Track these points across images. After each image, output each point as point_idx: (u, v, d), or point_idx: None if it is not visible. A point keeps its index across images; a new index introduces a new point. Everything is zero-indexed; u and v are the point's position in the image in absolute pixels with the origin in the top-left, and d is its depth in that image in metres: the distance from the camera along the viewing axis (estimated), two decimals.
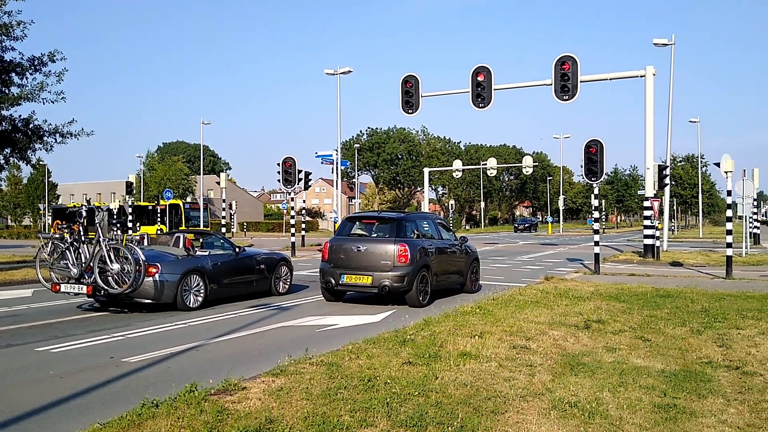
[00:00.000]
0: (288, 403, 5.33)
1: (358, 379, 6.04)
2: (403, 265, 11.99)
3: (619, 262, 23.09)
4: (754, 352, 7.56)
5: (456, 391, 5.74)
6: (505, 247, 35.70)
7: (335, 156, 40.94)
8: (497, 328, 8.71)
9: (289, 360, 6.78)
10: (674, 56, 30.31)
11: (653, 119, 23.04)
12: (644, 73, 22.66)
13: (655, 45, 29.66)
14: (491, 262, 23.89)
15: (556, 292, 12.88)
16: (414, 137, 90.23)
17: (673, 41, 29.48)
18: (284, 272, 14.23)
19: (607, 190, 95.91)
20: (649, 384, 6.10)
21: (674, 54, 30.11)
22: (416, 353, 7.11)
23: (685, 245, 36.82)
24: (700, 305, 11.11)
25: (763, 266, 21.90)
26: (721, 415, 5.23)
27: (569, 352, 7.54)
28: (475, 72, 23.55)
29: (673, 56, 30.26)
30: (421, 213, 15.37)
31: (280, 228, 71.67)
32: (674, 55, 30.15)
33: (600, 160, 19.23)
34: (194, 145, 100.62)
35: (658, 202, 24.91)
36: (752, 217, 32.09)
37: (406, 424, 4.85)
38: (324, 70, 35.09)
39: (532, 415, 5.15)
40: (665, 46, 29.69)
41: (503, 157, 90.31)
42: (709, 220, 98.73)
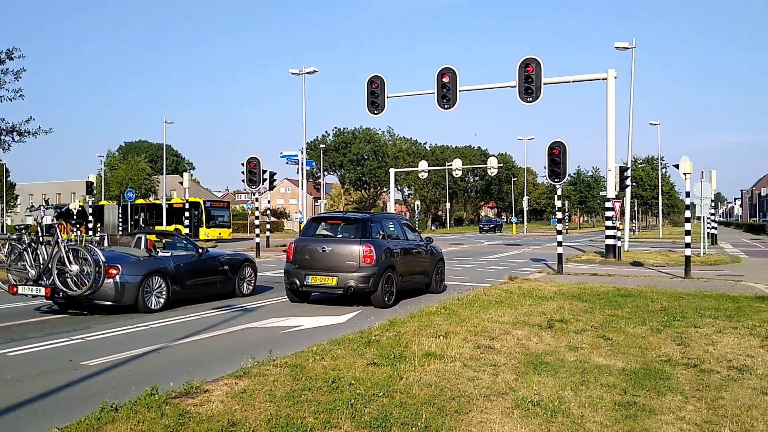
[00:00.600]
0: (251, 406, 5.28)
1: (322, 380, 6.01)
2: (369, 266, 11.98)
3: (581, 262, 23.41)
4: (711, 349, 7.72)
5: (420, 391, 5.74)
6: (470, 248, 35.93)
7: (300, 156, 40.69)
8: (462, 328, 8.75)
9: (252, 362, 6.72)
10: (635, 60, 30.86)
11: (615, 121, 23.43)
12: (606, 75, 23.02)
13: (617, 48, 30.15)
14: (456, 263, 24.02)
15: (520, 292, 13.00)
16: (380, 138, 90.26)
17: (633, 45, 30.00)
18: (248, 273, 14.11)
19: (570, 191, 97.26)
20: (610, 382, 6.19)
21: (635, 57, 30.66)
22: (381, 354, 7.11)
23: (645, 245, 37.49)
24: (659, 304, 11.32)
25: (720, 266, 22.41)
26: (679, 412, 5.33)
27: (532, 351, 7.61)
28: (441, 73, 23.66)
29: (633, 60, 30.84)
30: (386, 214, 15.37)
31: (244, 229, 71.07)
32: (635, 58, 30.69)
33: (563, 161, 19.47)
34: (157, 145, 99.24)
35: (619, 203, 25.33)
36: (710, 217, 32.82)
37: (371, 425, 4.84)
38: (289, 70, 34.89)
39: (496, 414, 5.18)
40: (626, 49, 30.19)
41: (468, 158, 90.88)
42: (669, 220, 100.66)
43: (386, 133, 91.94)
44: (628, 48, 30.09)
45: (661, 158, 70.33)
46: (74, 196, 75.04)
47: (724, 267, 21.98)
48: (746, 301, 11.85)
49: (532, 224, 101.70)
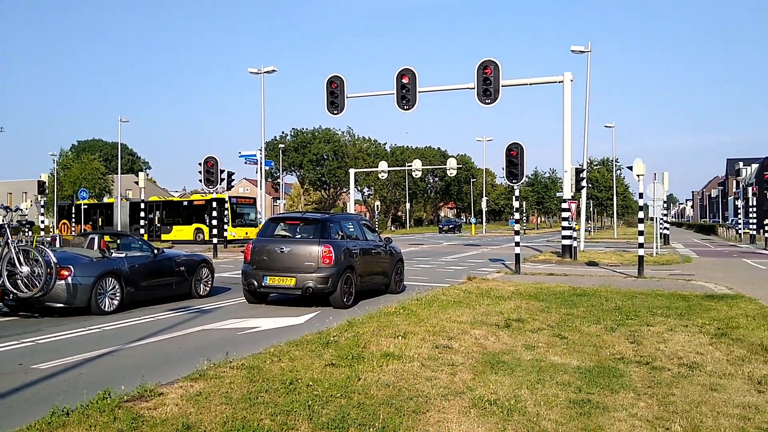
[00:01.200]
0: (206, 409, 5.21)
1: (279, 382, 5.97)
2: (328, 267, 11.94)
3: (538, 262, 23.72)
4: (662, 347, 7.89)
5: (378, 391, 5.74)
6: (430, 248, 36.11)
7: (259, 156, 40.39)
8: (420, 328, 8.78)
9: (208, 364, 6.64)
10: (590, 63, 31.38)
11: (571, 123, 23.84)
12: (562, 79, 23.40)
13: (573, 52, 30.64)
14: (416, 263, 24.10)
15: (478, 291, 13.11)
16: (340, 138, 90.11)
17: (589, 49, 30.52)
18: (205, 274, 13.93)
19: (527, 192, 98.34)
20: (566, 380, 6.27)
21: (590, 61, 31.17)
22: (339, 355, 7.09)
23: (600, 245, 38.18)
24: (613, 303, 11.53)
25: (672, 265, 22.95)
26: (631, 409, 5.43)
27: (490, 350, 7.68)
28: (400, 74, 23.76)
29: (589, 63, 31.33)
30: (345, 214, 15.35)
31: None
32: (590, 62, 31.20)
33: (520, 162, 19.70)
34: (112, 144, 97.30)
35: (575, 204, 25.75)
36: (662, 218, 33.58)
37: (328, 426, 4.82)
38: (247, 69, 34.58)
39: (453, 413, 5.21)
40: (582, 53, 30.70)
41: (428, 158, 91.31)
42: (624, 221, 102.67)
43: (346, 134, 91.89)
44: (584, 52, 30.61)
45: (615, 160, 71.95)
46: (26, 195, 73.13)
47: (676, 266, 22.52)
48: (696, 300, 12.15)
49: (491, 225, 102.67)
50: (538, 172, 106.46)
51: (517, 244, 19.69)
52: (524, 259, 23.13)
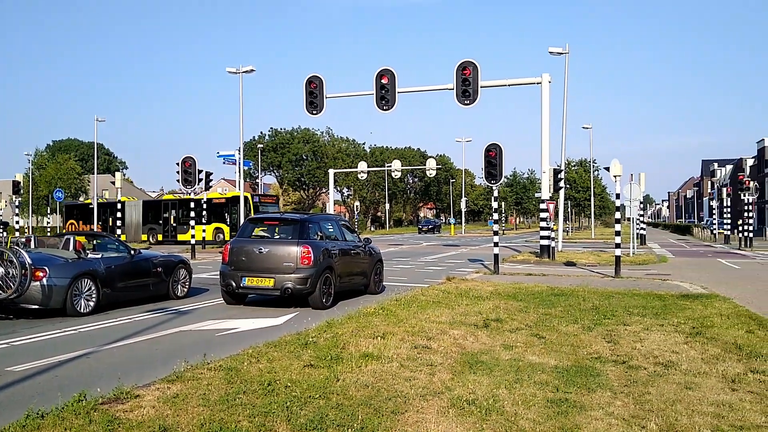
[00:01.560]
0: (184, 411, 5.17)
1: (258, 383, 5.94)
2: (306, 267, 11.90)
3: (517, 263, 23.85)
4: (639, 346, 7.97)
5: (357, 392, 5.74)
6: (409, 249, 36.16)
7: (237, 156, 40.18)
8: (399, 328, 8.79)
9: (185, 365, 6.58)
10: (568, 65, 31.62)
11: (549, 125, 24.00)
12: (540, 80, 23.55)
13: (551, 54, 30.84)
14: (395, 263, 24.12)
15: (457, 292, 13.15)
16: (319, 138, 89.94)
17: (567, 50, 30.73)
18: (183, 275, 13.83)
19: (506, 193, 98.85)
20: (543, 380, 6.32)
21: (568, 63, 31.41)
22: (318, 356, 7.07)
23: (578, 246, 38.48)
24: (591, 303, 11.63)
25: (648, 265, 23.21)
26: (608, 407, 5.48)
27: (469, 350, 7.70)
28: (379, 74, 23.77)
29: (567, 65, 31.57)
30: (324, 214, 15.34)
31: None
32: (568, 63, 31.44)
33: (499, 163, 19.79)
34: (88, 143, 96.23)
35: (553, 204, 25.95)
36: (639, 219, 33.95)
37: (307, 428, 4.81)
38: (226, 69, 34.36)
39: (432, 413, 5.22)
40: (560, 54, 30.91)
41: (408, 159, 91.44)
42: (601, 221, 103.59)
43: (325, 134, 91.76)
44: (562, 53, 30.82)
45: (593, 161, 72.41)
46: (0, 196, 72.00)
47: (652, 266, 22.77)
48: (672, 300, 12.29)
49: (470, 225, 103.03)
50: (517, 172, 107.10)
51: (495, 245, 19.78)
52: (503, 259, 23.24)
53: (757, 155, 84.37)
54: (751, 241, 37.28)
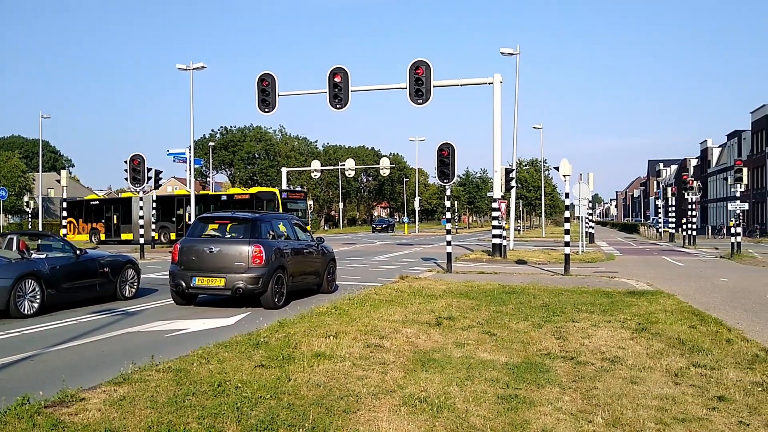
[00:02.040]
0: (131, 413, 5.06)
1: (207, 384, 5.85)
2: (258, 267, 11.78)
3: (470, 261, 24.08)
4: (587, 342, 8.13)
5: (309, 392, 5.71)
6: (363, 248, 36.16)
7: (188, 154, 39.55)
8: (352, 327, 8.78)
9: (133, 367, 6.45)
10: (519, 66, 32.07)
11: (500, 124, 24.29)
12: (492, 80, 23.81)
13: (502, 54, 31.24)
14: (349, 263, 24.09)
15: (411, 290, 13.20)
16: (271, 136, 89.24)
17: (518, 51, 31.17)
18: (131, 275, 13.54)
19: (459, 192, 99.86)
20: (494, 377, 6.38)
21: (519, 63, 31.86)
22: (270, 356, 7.01)
23: (529, 244, 39.07)
24: (541, 301, 11.81)
25: (597, 263, 23.71)
26: (556, 402, 5.57)
27: (421, 348, 7.74)
28: (332, 73, 23.70)
29: (518, 65, 32.04)
30: (276, 213, 15.21)
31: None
32: (519, 64, 31.88)
33: (452, 162, 19.96)
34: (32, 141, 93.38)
35: (505, 203, 26.27)
36: (588, 217, 34.65)
37: (257, 428, 4.76)
38: (176, 65, 33.79)
39: (383, 412, 5.22)
40: (511, 55, 31.33)
41: (361, 158, 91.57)
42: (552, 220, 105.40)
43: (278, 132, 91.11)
44: (513, 54, 31.24)
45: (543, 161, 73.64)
46: None
47: (600, 264, 23.27)
48: (619, 296, 12.58)
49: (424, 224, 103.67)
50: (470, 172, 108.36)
51: (448, 243, 19.93)
52: (456, 257, 23.43)
53: (701, 156, 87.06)
54: (695, 239, 38.43)
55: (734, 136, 70.20)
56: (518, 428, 4.90)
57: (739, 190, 29.36)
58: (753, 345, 8.01)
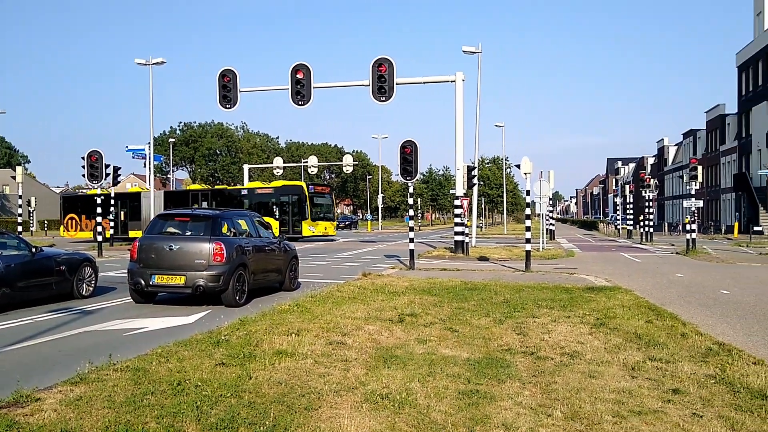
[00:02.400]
0: (87, 413, 4.97)
1: (166, 383, 5.77)
2: (219, 264, 11.66)
3: (432, 258, 24.20)
4: (547, 338, 8.24)
5: (270, 390, 5.67)
6: (326, 245, 36.04)
7: (147, 150, 38.88)
8: (314, 325, 8.75)
9: (90, 367, 6.33)
10: (481, 64, 32.29)
11: (463, 122, 24.46)
12: (455, 78, 23.94)
13: (464, 52, 31.42)
14: (311, 260, 24.00)
15: (373, 287, 13.21)
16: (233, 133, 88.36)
17: (480, 49, 31.40)
18: (88, 273, 13.27)
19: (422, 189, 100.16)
20: (456, 372, 6.43)
21: (481, 62, 32.08)
22: (230, 354, 6.95)
23: (491, 241, 39.44)
24: (502, 297, 11.93)
25: (557, 260, 24.04)
26: (517, 397, 5.64)
27: (383, 345, 7.75)
28: (295, 69, 23.57)
29: (480, 64, 32.26)
30: (237, 210, 15.03)
31: None
32: (481, 62, 32.11)
33: (414, 160, 20.01)
34: None
35: (467, 200, 26.45)
36: (548, 215, 35.10)
37: (217, 427, 4.71)
38: (135, 60, 33.22)
39: (345, 409, 5.22)
40: (473, 53, 31.54)
41: (324, 155, 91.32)
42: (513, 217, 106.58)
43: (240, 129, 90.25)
44: (475, 52, 31.45)
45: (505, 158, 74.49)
46: None
47: (560, 261, 23.61)
48: (578, 292, 12.78)
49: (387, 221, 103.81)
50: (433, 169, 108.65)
51: (411, 241, 19.99)
52: (419, 255, 23.52)
53: (658, 154, 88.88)
54: (652, 235, 39.25)
55: (690, 135, 71.87)
56: (479, 423, 4.95)
57: (694, 187, 30.05)
58: (706, 339, 8.21)
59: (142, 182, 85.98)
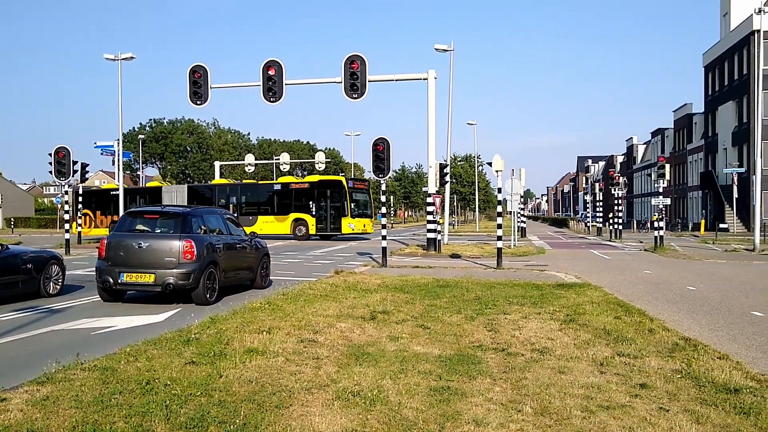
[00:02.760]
0: (54, 413, 4.89)
1: (135, 382, 5.70)
2: (189, 262, 11.55)
3: (405, 255, 24.25)
4: (517, 334, 8.31)
5: (241, 388, 5.63)
6: (298, 243, 35.89)
7: (116, 147, 38.34)
8: (286, 323, 8.71)
9: (57, 366, 6.23)
10: (453, 62, 32.40)
11: (435, 120, 24.51)
12: (427, 76, 23.99)
13: (437, 50, 31.52)
14: (283, 258, 23.89)
15: (345, 285, 13.20)
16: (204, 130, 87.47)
17: (452, 48, 31.52)
18: (55, 272, 13.05)
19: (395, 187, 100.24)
20: (427, 369, 6.45)
21: (453, 60, 32.19)
22: (201, 352, 6.89)
23: (463, 238, 39.64)
24: (474, 294, 12.00)
25: (528, 257, 24.25)
26: (487, 393, 5.68)
27: (355, 343, 7.74)
28: (266, 66, 23.41)
29: (452, 62, 32.36)
30: (208, 208, 14.90)
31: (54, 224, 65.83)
32: (453, 61, 32.22)
33: (387, 157, 20.03)
34: None
35: (439, 198, 26.54)
36: (520, 212, 35.38)
37: (186, 426, 4.67)
38: (104, 56, 32.69)
39: (316, 406, 5.21)
40: (445, 51, 31.64)
41: (296, 152, 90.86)
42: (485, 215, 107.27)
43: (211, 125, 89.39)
44: (447, 50, 31.56)
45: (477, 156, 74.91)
46: None
47: (531, 258, 23.81)
48: (549, 289, 12.90)
49: None
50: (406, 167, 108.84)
51: (384, 238, 20.00)
52: (391, 252, 23.56)
53: (627, 152, 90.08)
54: (621, 233, 39.78)
55: (658, 133, 72.95)
56: (450, 419, 4.97)
57: (662, 185, 30.51)
58: (673, 334, 8.35)
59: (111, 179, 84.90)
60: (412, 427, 4.80)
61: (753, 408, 5.26)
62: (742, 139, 47.83)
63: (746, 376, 6.28)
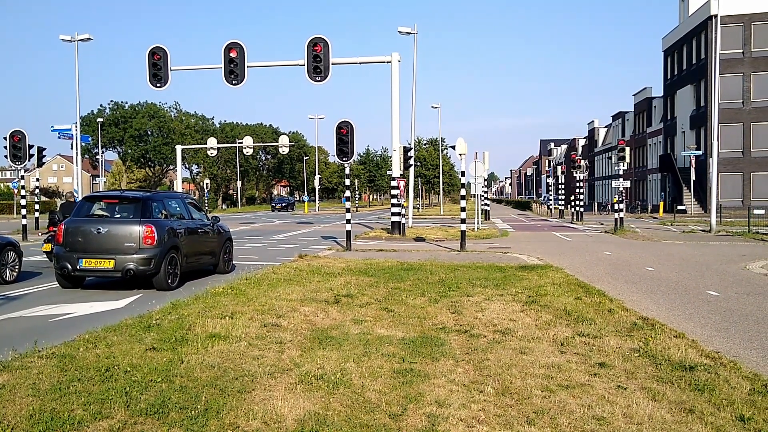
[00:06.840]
0: (11, 402, 4.80)
1: (94, 369, 5.62)
2: (150, 247, 11.38)
3: (369, 239, 24.26)
4: (480, 316, 8.39)
5: (203, 373, 5.59)
6: (262, 227, 35.67)
7: (74, 130, 37.52)
8: (249, 307, 8.66)
9: (13, 354, 6.11)
10: (417, 45, 32.37)
11: (399, 103, 24.48)
12: (390, 59, 23.91)
13: (400, 33, 31.42)
14: (247, 242, 23.72)
15: (309, 269, 13.16)
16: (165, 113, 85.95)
17: (416, 30, 31.43)
18: (11, 258, 12.75)
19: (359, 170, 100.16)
20: (391, 352, 6.47)
21: (417, 43, 32.16)
22: (162, 338, 6.81)
23: (428, 222, 39.80)
24: (437, 276, 12.07)
25: (492, 239, 24.46)
26: (450, 375, 5.72)
27: (319, 326, 7.73)
28: (227, 48, 23.09)
29: (416, 45, 32.30)
30: (169, 192, 14.71)
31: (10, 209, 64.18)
32: (417, 44, 32.18)
33: (350, 141, 19.94)
34: None
35: (404, 181, 26.58)
36: (483, 195, 35.62)
37: (147, 413, 4.62)
38: (59, 36, 31.88)
39: (279, 391, 5.19)
40: (409, 34, 31.55)
41: (260, 135, 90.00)
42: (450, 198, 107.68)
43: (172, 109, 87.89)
44: (411, 33, 31.48)
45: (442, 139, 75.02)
46: None
47: (495, 240, 24.02)
48: (511, 271, 13.04)
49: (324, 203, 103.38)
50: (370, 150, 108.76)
51: (348, 222, 19.98)
52: (355, 236, 23.54)
53: (588, 136, 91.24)
54: (582, 215, 40.37)
55: (619, 117, 74.01)
56: (413, 401, 5.00)
57: (622, 168, 31.00)
58: (632, 314, 8.52)
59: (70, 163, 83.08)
60: (374, 410, 4.82)
61: (707, 385, 5.41)
62: (699, 122, 48.82)
63: (701, 354, 6.44)
